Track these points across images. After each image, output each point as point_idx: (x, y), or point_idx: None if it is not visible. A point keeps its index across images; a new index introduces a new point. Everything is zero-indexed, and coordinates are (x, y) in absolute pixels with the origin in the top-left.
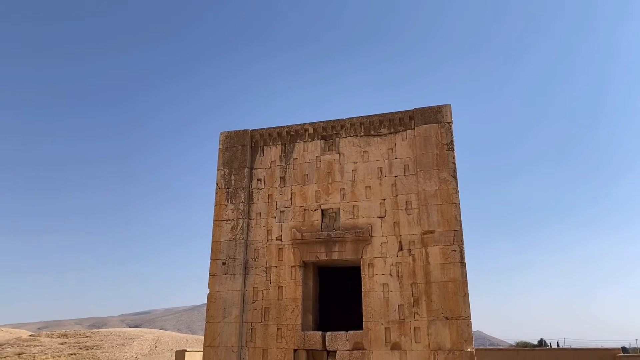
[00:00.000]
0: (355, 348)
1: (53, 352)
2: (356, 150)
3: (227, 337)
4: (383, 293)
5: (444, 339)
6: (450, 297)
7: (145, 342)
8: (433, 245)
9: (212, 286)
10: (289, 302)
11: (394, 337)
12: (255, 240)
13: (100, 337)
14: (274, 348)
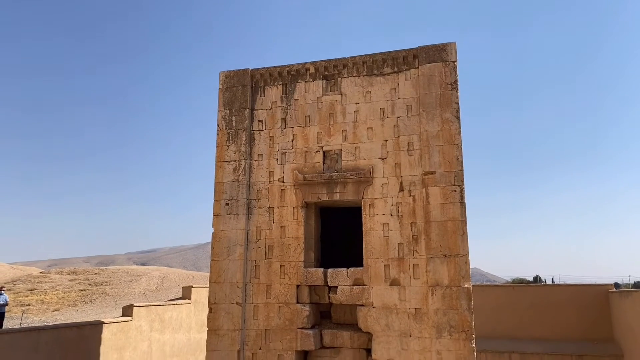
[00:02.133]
0: (356, 284)
1: (63, 288)
2: (358, 91)
3: (232, 273)
4: (383, 232)
5: (442, 276)
6: (449, 236)
7: (153, 279)
8: (433, 186)
9: (217, 226)
10: (291, 241)
11: (394, 273)
12: (258, 182)
13: (108, 274)
14: (277, 284)
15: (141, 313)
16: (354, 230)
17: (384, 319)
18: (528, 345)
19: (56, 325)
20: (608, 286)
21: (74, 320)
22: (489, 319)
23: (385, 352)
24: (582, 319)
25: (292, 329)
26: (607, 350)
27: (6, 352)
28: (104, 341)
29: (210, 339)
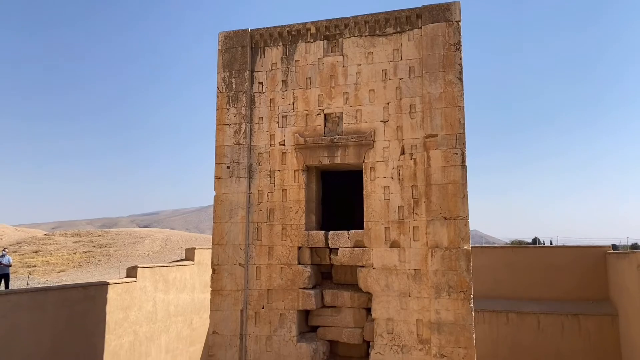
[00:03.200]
0: (356, 246)
1: (68, 250)
2: (360, 52)
3: (235, 235)
4: (384, 195)
5: (441, 238)
6: (450, 199)
7: (156, 241)
8: (435, 149)
9: (218, 189)
10: (292, 204)
11: (394, 235)
12: (259, 145)
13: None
14: (279, 246)
15: (145, 274)
16: (354, 194)
17: (384, 279)
18: (525, 305)
19: (62, 285)
20: (606, 248)
21: (79, 281)
22: (487, 280)
23: (385, 311)
24: (579, 280)
25: (293, 289)
26: (602, 309)
27: (14, 312)
28: (110, 301)
29: (214, 299)
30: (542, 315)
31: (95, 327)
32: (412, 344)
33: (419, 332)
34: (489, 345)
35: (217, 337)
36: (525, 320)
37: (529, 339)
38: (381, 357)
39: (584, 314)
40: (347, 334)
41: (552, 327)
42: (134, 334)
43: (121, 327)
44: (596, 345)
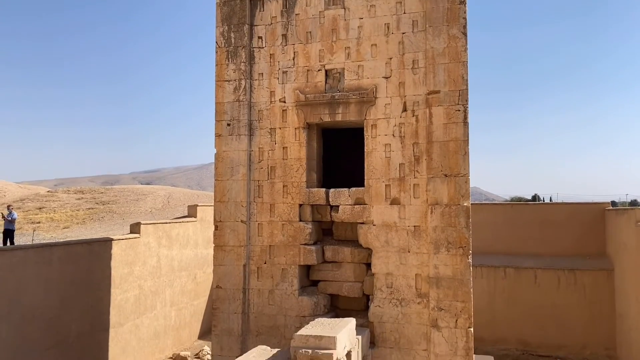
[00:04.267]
0: (357, 203)
1: (72, 207)
2: (362, 5)
3: (236, 193)
4: (385, 153)
5: (441, 195)
6: (451, 156)
7: (158, 198)
8: (437, 106)
9: (219, 146)
10: (293, 162)
11: (394, 193)
12: (259, 102)
13: (114, 194)
14: (280, 203)
15: (149, 230)
16: (355, 152)
17: (384, 235)
18: (523, 260)
19: (67, 241)
20: (605, 204)
21: (83, 237)
22: (486, 236)
23: (385, 266)
24: (577, 236)
25: (295, 245)
26: (598, 264)
27: (20, 266)
28: (114, 257)
29: (217, 254)
30: (539, 270)
31: (101, 282)
32: (411, 297)
33: (417, 287)
34: (486, 298)
35: (220, 291)
36: (522, 275)
37: (525, 293)
38: (380, 310)
39: (581, 269)
40: (347, 288)
41: (548, 282)
42: (139, 288)
43: (126, 281)
44: (591, 299)
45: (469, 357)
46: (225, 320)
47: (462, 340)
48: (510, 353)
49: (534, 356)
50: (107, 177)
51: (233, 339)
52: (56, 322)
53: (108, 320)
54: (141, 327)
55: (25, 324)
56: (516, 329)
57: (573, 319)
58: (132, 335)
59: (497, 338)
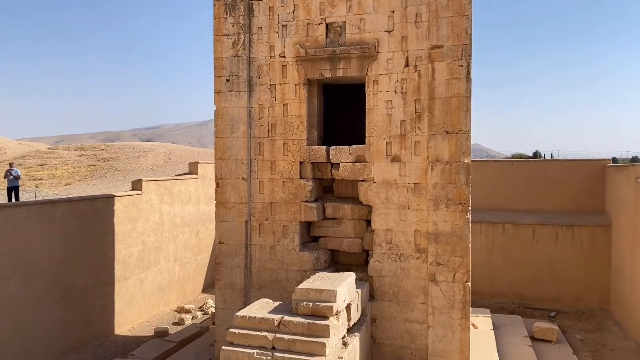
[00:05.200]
0: (358, 160)
1: (73, 164)
2: None
3: (237, 150)
4: (386, 109)
5: (442, 152)
6: (453, 113)
7: (159, 155)
8: (440, 61)
9: (218, 103)
10: (294, 119)
11: (395, 150)
12: (258, 57)
13: (115, 150)
14: (281, 161)
15: (150, 187)
16: (356, 109)
17: (384, 193)
18: (522, 216)
19: (70, 198)
20: (605, 161)
21: (85, 194)
22: (486, 193)
23: (384, 222)
24: (576, 192)
25: (296, 202)
26: (597, 220)
27: (25, 222)
28: (117, 213)
29: (219, 211)
30: (537, 226)
31: (104, 238)
32: (410, 252)
33: (416, 242)
34: (484, 254)
35: (223, 247)
36: (520, 231)
37: (523, 248)
38: (380, 264)
39: (579, 225)
40: (348, 244)
41: (546, 237)
42: (143, 243)
43: (130, 237)
44: (587, 254)
45: (465, 310)
46: (228, 275)
47: (459, 294)
48: (506, 306)
49: (529, 309)
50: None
51: (236, 293)
52: (62, 277)
53: (113, 274)
54: (145, 281)
55: (31, 278)
56: (513, 283)
57: (569, 273)
58: (136, 289)
59: (494, 292)
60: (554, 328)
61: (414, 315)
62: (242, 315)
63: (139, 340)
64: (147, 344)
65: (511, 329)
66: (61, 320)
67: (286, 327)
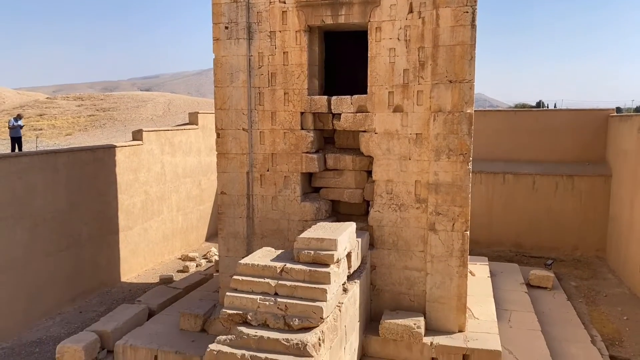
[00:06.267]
0: (359, 111)
1: (72, 114)
2: None
3: (237, 100)
4: (389, 58)
5: (445, 102)
6: (457, 61)
7: (159, 105)
8: (445, 7)
9: (217, 51)
10: (294, 68)
11: (397, 100)
12: (257, 3)
13: (114, 100)
14: (282, 111)
15: (151, 137)
16: (358, 58)
17: (385, 143)
18: (523, 166)
19: (71, 148)
20: (609, 111)
21: (86, 144)
22: (488, 143)
23: (385, 173)
24: (579, 143)
25: (297, 153)
26: (597, 170)
27: (28, 172)
28: (119, 163)
29: (220, 162)
30: (537, 176)
31: (107, 188)
32: (410, 203)
33: (417, 193)
34: (484, 204)
35: (225, 197)
36: (520, 181)
37: (522, 199)
38: (380, 214)
39: (579, 175)
40: (348, 194)
41: (546, 187)
42: (145, 194)
43: (132, 187)
44: (586, 204)
45: (463, 258)
46: (231, 224)
47: (458, 243)
48: (504, 254)
49: (526, 257)
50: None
51: (239, 241)
52: (67, 226)
53: (117, 224)
54: (149, 230)
55: (37, 227)
56: (511, 232)
57: (567, 222)
58: (141, 238)
59: (493, 241)
60: (549, 275)
61: (412, 263)
62: (246, 263)
63: (145, 287)
64: (152, 290)
65: (508, 277)
66: (69, 268)
67: (288, 274)
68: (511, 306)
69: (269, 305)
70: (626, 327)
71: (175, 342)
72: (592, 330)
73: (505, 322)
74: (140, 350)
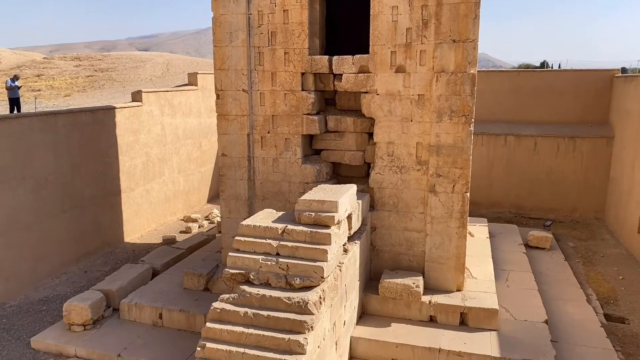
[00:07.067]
0: (361, 71)
1: (70, 74)
2: None
3: (236, 60)
4: (392, 16)
5: (448, 62)
6: (461, 20)
7: (157, 65)
8: None
9: (216, 10)
10: (295, 27)
11: (399, 60)
12: None
13: (112, 60)
14: (282, 71)
15: (150, 98)
16: (360, 17)
17: (387, 105)
18: (524, 128)
19: (71, 109)
20: (614, 71)
21: (86, 105)
22: (490, 104)
23: (387, 135)
24: (582, 104)
25: (297, 115)
26: (599, 132)
27: (27, 134)
28: (119, 124)
29: (221, 124)
30: (539, 138)
31: (108, 149)
32: (411, 165)
33: (418, 155)
34: (485, 165)
35: (226, 159)
36: (522, 143)
37: (523, 160)
38: (380, 176)
39: (581, 137)
40: (349, 157)
41: (547, 149)
42: (146, 155)
43: (133, 149)
44: (587, 165)
45: (463, 220)
46: (232, 186)
47: (458, 204)
48: (503, 216)
49: (525, 219)
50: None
51: (240, 203)
52: (69, 187)
53: (119, 185)
54: (151, 191)
55: (40, 189)
56: (511, 194)
57: (567, 184)
58: (143, 199)
59: (493, 202)
60: (548, 236)
61: (412, 224)
62: (247, 224)
63: (148, 247)
64: (156, 251)
65: (507, 237)
66: (72, 229)
67: (289, 236)
68: (509, 266)
69: (270, 265)
70: (621, 286)
71: (180, 301)
72: (588, 289)
73: (503, 282)
74: (145, 309)
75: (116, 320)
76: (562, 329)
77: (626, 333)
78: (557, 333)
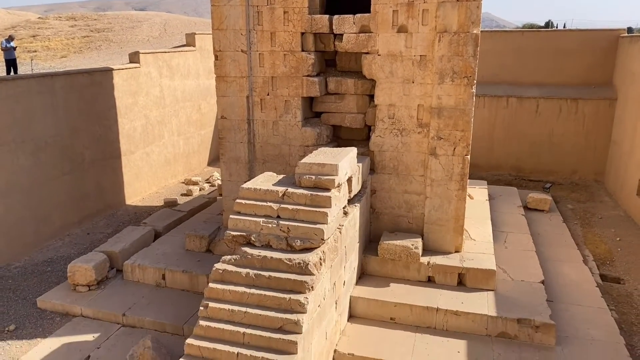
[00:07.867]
0: (362, 31)
1: (66, 35)
2: None
3: (235, 20)
4: None
5: (451, 21)
6: None
7: (155, 25)
8: None
9: None
10: None
11: (402, 19)
12: None
13: (109, 20)
14: (281, 31)
15: (148, 60)
16: None
17: (389, 66)
18: (527, 90)
19: (68, 71)
20: (620, 31)
21: (82, 67)
22: (493, 65)
23: (388, 97)
24: (586, 65)
25: (297, 77)
26: (602, 93)
27: (25, 96)
28: (117, 86)
29: (219, 85)
30: (541, 100)
31: (107, 112)
32: (412, 127)
33: (419, 117)
34: (486, 127)
35: (225, 122)
36: (524, 105)
37: (525, 122)
38: (381, 139)
39: (584, 98)
40: (350, 119)
41: (549, 111)
42: (145, 118)
43: (132, 111)
44: (589, 127)
45: (463, 182)
46: (232, 149)
47: (458, 167)
48: (503, 178)
49: (525, 181)
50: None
51: (241, 166)
52: (69, 150)
53: (119, 148)
54: (151, 154)
55: (39, 152)
56: (512, 156)
57: (568, 146)
58: (143, 162)
59: (493, 165)
60: (546, 198)
61: (412, 187)
62: (248, 187)
63: (150, 209)
64: (158, 213)
65: (506, 200)
66: (73, 191)
67: (290, 198)
68: (507, 228)
69: (271, 228)
70: (618, 247)
71: (182, 262)
72: (585, 250)
73: (501, 243)
74: (148, 270)
75: (120, 281)
76: (558, 289)
77: (621, 293)
78: (553, 293)
